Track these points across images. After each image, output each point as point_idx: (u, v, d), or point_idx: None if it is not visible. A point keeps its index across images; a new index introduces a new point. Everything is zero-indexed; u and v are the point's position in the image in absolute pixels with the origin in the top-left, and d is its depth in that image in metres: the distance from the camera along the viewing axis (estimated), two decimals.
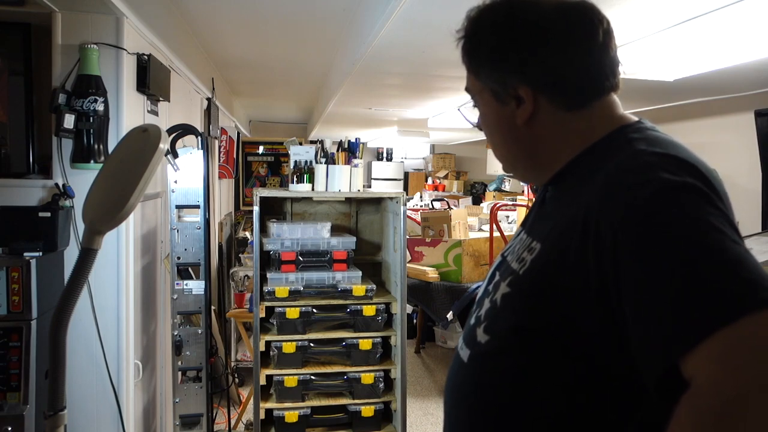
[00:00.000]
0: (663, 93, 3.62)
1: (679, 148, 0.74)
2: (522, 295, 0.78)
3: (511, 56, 0.81)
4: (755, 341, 0.56)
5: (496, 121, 0.87)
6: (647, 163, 0.70)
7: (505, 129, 0.86)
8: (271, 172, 6.11)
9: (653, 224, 0.64)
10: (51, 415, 1.19)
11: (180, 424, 2.55)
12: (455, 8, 0.92)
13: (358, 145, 2.74)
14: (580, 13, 0.81)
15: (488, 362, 0.81)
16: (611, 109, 0.84)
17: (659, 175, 0.67)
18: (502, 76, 0.82)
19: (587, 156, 0.81)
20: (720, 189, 0.69)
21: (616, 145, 0.78)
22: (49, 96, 1.84)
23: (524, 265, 0.79)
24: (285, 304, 2.55)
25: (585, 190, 0.74)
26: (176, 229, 2.49)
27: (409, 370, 4.53)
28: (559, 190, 0.85)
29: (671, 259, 0.62)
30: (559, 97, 0.81)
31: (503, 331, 0.80)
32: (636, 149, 0.74)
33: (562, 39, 0.79)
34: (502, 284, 0.82)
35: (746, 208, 3.88)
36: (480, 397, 0.82)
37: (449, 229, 3.94)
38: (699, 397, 0.57)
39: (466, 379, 0.85)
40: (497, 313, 0.81)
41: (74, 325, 1.65)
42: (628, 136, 0.78)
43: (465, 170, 10.08)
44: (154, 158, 1.22)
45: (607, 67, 0.82)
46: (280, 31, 3.01)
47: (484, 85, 0.86)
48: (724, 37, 2.16)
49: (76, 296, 1.19)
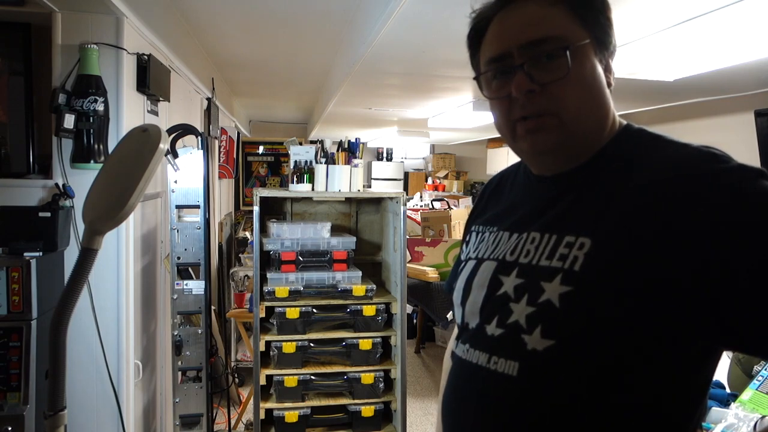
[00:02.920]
0: (663, 93, 3.62)
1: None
2: (595, 290, 0.74)
3: (609, 17, 0.83)
4: None
5: (596, 75, 0.81)
6: (710, 154, 0.74)
7: (599, 86, 0.82)
8: (271, 172, 6.11)
9: (760, 207, 0.67)
10: (51, 415, 1.19)
11: (180, 424, 2.55)
12: (455, 8, 0.92)
13: (358, 145, 2.74)
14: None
15: (561, 367, 0.75)
16: None
17: (732, 163, 0.72)
18: (611, 36, 0.83)
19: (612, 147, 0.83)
20: None
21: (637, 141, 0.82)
22: (49, 96, 1.84)
23: (576, 261, 0.76)
24: (285, 304, 2.55)
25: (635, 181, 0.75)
26: (176, 229, 2.49)
27: (409, 370, 4.53)
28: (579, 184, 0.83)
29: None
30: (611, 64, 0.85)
31: (579, 330, 0.74)
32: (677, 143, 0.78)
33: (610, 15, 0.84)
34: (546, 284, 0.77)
35: None
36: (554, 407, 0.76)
37: (449, 229, 3.94)
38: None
39: (525, 393, 0.78)
40: (558, 315, 0.76)
41: (74, 325, 1.65)
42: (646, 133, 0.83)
43: (465, 170, 10.08)
44: (154, 158, 1.22)
45: None
46: (280, 31, 3.01)
47: (591, 36, 0.81)
48: (724, 37, 2.16)
49: (76, 296, 1.19)
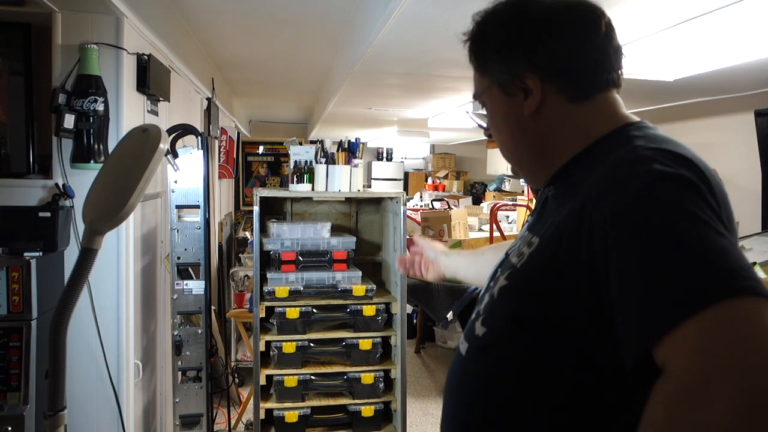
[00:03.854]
0: (663, 93, 3.62)
1: (678, 145, 0.75)
2: (518, 287, 0.80)
3: (518, 46, 0.84)
4: (725, 327, 0.57)
5: (505, 115, 0.88)
6: (643, 157, 0.71)
7: (514, 122, 0.87)
8: (271, 172, 6.11)
9: (638, 214, 0.65)
10: (51, 415, 1.19)
11: (180, 424, 2.55)
12: (455, 8, 0.92)
13: (358, 145, 2.74)
14: (583, 7, 0.85)
15: (485, 354, 0.82)
16: (614, 107, 0.85)
17: (652, 167, 0.68)
18: (509, 66, 0.85)
19: (590, 152, 0.83)
20: (716, 185, 0.69)
21: (617, 142, 0.79)
22: (49, 96, 1.84)
23: (522, 259, 0.81)
24: (285, 304, 2.55)
25: (585, 185, 0.75)
26: (176, 229, 2.49)
27: (409, 370, 4.53)
28: (561, 188, 0.86)
29: (651, 248, 0.63)
30: (564, 84, 0.84)
31: (500, 323, 0.81)
32: (635, 145, 0.75)
33: (566, 28, 0.83)
34: (501, 278, 0.84)
35: (746, 208, 3.88)
36: (476, 389, 0.83)
37: (449, 229, 3.94)
38: (669, 381, 0.58)
39: (464, 372, 0.86)
40: (494, 305, 0.83)
41: (74, 325, 1.65)
42: (629, 134, 0.80)
43: (465, 170, 10.09)
44: (154, 158, 1.22)
45: (611, 58, 0.85)
46: (280, 31, 3.01)
47: (491, 81, 0.88)
48: (724, 37, 2.16)
49: (76, 296, 1.19)
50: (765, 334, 0.56)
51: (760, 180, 3.72)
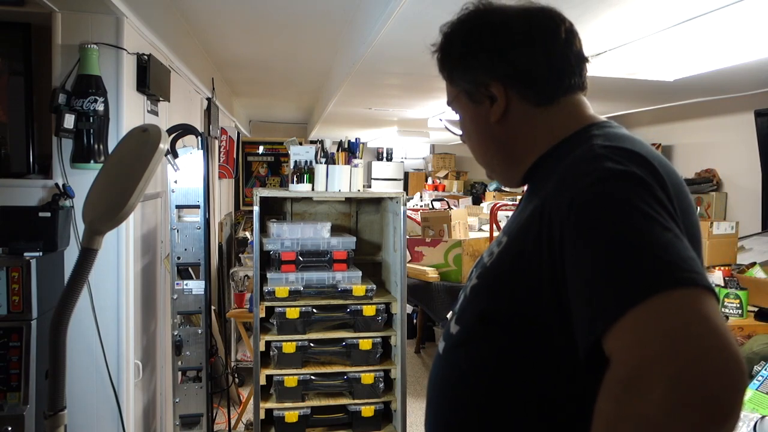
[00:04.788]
0: (663, 93, 3.62)
1: (635, 142, 0.78)
2: (488, 285, 0.83)
3: (480, 55, 0.87)
4: (660, 318, 0.59)
5: (473, 121, 0.92)
6: (597, 155, 0.74)
7: (482, 128, 0.91)
8: (271, 172, 6.11)
9: (589, 211, 0.68)
10: (51, 415, 1.19)
11: (180, 424, 2.55)
12: (455, 8, 0.92)
13: (358, 145, 2.74)
14: (543, 14, 0.88)
15: (458, 352, 0.85)
16: (579, 108, 0.88)
17: (604, 164, 0.71)
18: (473, 75, 0.88)
19: (554, 152, 0.86)
20: (669, 180, 0.72)
21: (578, 142, 0.82)
22: (49, 96, 1.84)
23: (492, 258, 0.84)
24: (285, 304, 2.55)
25: (547, 184, 0.78)
26: (176, 229, 2.49)
27: (409, 370, 4.53)
28: (530, 188, 0.90)
29: (599, 244, 0.65)
30: (527, 91, 0.86)
31: (471, 321, 0.84)
32: (592, 144, 0.78)
33: (526, 36, 0.86)
34: (473, 278, 0.87)
35: (746, 208, 3.88)
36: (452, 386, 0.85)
37: (449, 229, 3.94)
38: (612, 372, 0.60)
39: (441, 370, 0.88)
40: (466, 304, 0.86)
41: (74, 325, 1.65)
42: (590, 133, 0.83)
43: (465, 170, 10.08)
44: (154, 158, 1.23)
45: (572, 63, 0.87)
46: (281, 31, 3.01)
47: (459, 90, 0.92)
48: (724, 37, 2.16)
49: (76, 296, 1.19)
50: (696, 325, 0.57)
51: (760, 180, 3.72)
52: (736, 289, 2.70)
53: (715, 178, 4.13)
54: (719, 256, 3.12)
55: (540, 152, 0.87)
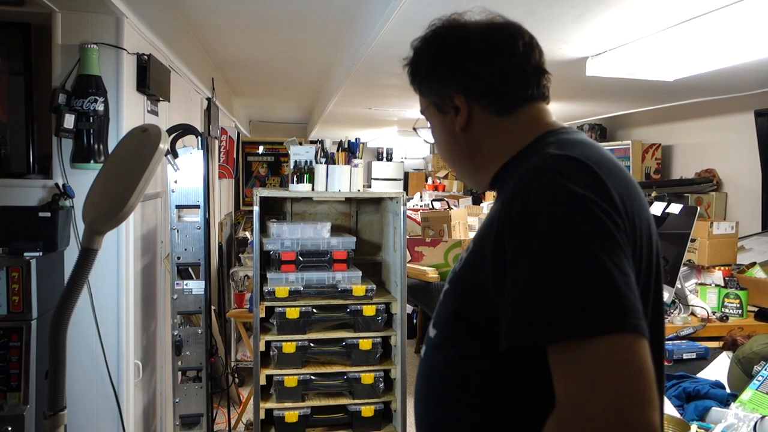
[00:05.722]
0: (663, 93, 3.62)
1: (585, 147, 0.82)
2: (455, 288, 0.89)
3: (443, 69, 0.93)
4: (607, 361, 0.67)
5: (441, 130, 0.99)
6: (545, 166, 0.77)
7: (448, 136, 0.98)
8: (271, 172, 6.11)
9: (531, 226, 0.73)
10: (51, 415, 1.19)
11: (180, 424, 2.55)
12: (455, 8, 0.92)
13: (358, 145, 2.74)
14: (502, 29, 0.93)
15: (436, 353, 0.90)
16: (539, 116, 0.93)
17: (548, 178, 0.75)
18: (438, 88, 0.95)
19: (515, 160, 0.91)
20: (616, 185, 0.75)
21: (534, 149, 0.87)
22: (49, 96, 1.84)
23: (461, 263, 0.90)
24: (285, 304, 2.55)
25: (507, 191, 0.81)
26: (176, 229, 2.49)
27: (409, 370, 4.52)
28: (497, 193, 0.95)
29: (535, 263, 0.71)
30: (487, 101, 0.92)
31: (444, 323, 0.90)
32: (544, 152, 0.81)
33: (484, 50, 0.91)
34: (447, 283, 0.94)
35: (746, 208, 3.88)
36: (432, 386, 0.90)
37: (449, 229, 3.94)
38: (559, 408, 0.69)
39: (423, 372, 0.94)
40: (440, 308, 0.92)
41: (74, 325, 1.65)
42: (546, 140, 0.87)
43: None
44: (154, 158, 1.23)
45: (530, 74, 0.92)
46: (280, 31, 3.01)
47: (428, 101, 0.98)
48: (724, 37, 2.16)
49: (76, 296, 1.19)
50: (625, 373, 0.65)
51: (760, 180, 3.71)
52: (736, 289, 2.70)
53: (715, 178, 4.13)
54: (719, 256, 3.11)
55: (503, 159, 0.92)
